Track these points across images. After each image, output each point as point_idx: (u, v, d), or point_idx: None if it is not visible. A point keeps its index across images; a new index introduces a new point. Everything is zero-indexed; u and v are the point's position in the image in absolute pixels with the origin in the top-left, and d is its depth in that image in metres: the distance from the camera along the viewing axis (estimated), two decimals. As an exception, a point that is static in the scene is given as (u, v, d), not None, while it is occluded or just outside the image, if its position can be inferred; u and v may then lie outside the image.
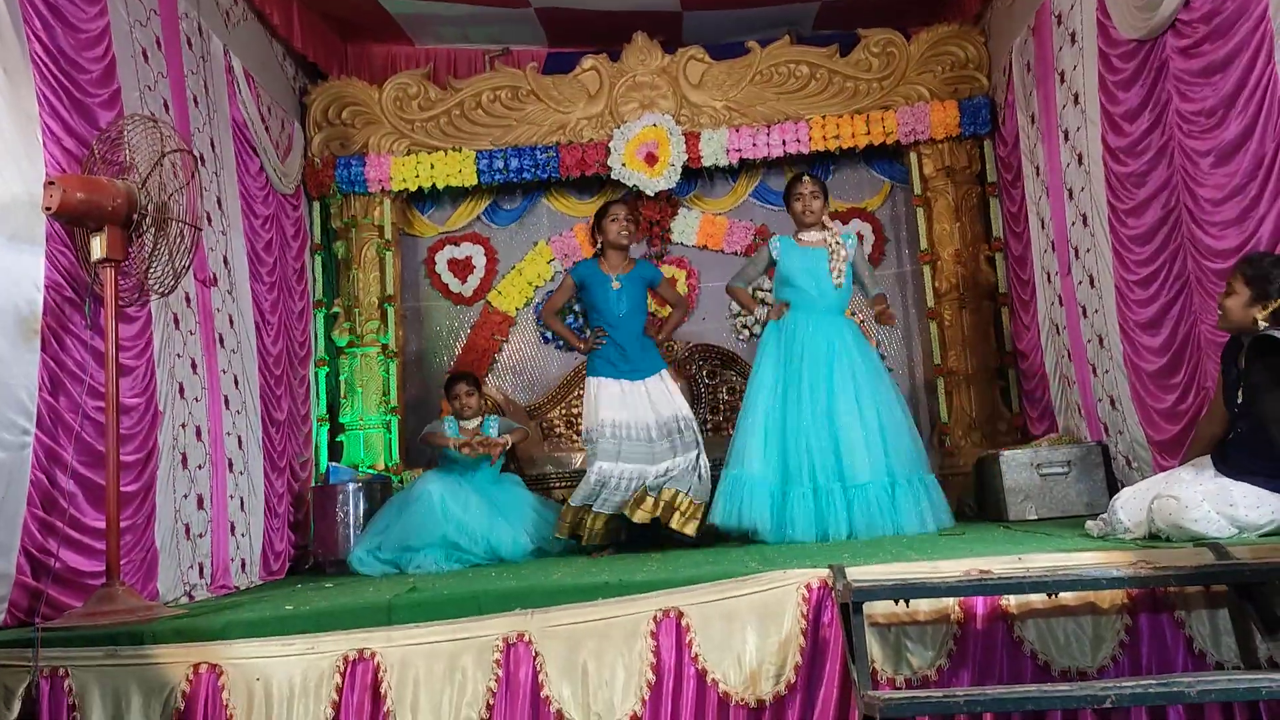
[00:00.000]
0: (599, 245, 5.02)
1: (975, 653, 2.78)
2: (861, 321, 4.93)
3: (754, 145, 6.33)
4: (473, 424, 5.44)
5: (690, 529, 4.59)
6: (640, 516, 4.61)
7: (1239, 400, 3.21)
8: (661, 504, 4.62)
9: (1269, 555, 2.75)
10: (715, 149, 6.35)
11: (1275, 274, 3.13)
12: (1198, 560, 2.79)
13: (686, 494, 4.64)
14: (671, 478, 4.66)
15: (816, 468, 4.42)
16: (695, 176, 6.64)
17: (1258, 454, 3.10)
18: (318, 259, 6.45)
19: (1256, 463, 3.10)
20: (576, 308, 6.13)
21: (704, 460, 4.77)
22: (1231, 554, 2.78)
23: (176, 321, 4.35)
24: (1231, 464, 3.19)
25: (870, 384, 4.58)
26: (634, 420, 4.74)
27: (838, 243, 4.75)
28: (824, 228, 4.82)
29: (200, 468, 4.44)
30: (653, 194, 6.45)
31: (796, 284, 4.73)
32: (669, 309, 5.36)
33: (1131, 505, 3.33)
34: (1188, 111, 3.83)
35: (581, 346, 5.09)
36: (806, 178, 4.87)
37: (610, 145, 6.37)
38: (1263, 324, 3.13)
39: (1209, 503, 3.09)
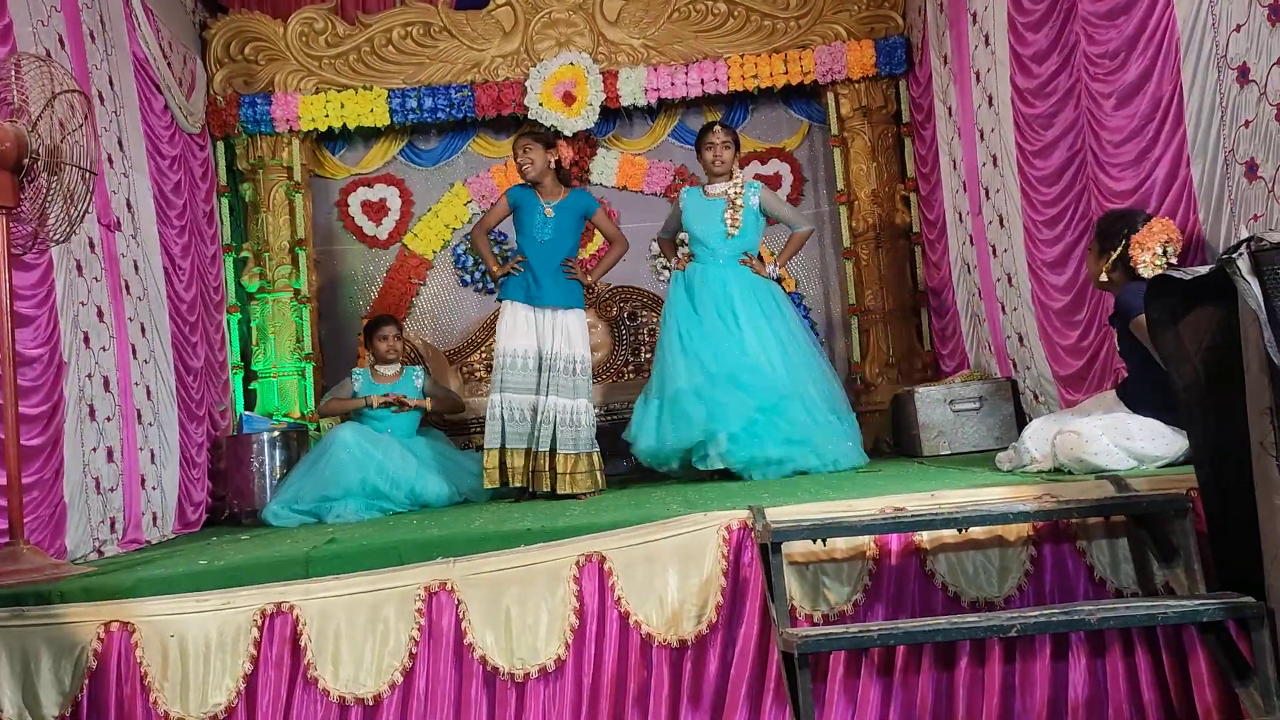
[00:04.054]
0: None
1: (889, 587, 2.86)
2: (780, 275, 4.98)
3: (672, 85, 6.27)
4: (391, 369, 5.31)
5: (581, 485, 4.45)
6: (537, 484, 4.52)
7: (1127, 340, 3.37)
8: (552, 473, 4.48)
9: (1165, 486, 2.86)
10: (633, 88, 6.27)
11: (1114, 229, 3.40)
12: (1099, 493, 2.90)
13: (572, 453, 4.48)
14: (553, 434, 4.49)
15: (729, 400, 4.45)
16: (614, 116, 6.57)
17: (1154, 389, 3.22)
18: (224, 201, 6.24)
19: (1152, 397, 3.22)
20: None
21: (588, 410, 4.60)
22: (1131, 486, 2.90)
23: (80, 268, 4.18)
24: (1130, 398, 3.32)
25: (772, 320, 4.68)
26: (537, 349, 4.59)
27: (737, 192, 4.78)
28: (730, 178, 4.84)
29: (109, 419, 4.31)
30: (571, 134, 6.36)
31: (695, 234, 4.85)
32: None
33: (1039, 436, 3.45)
34: (1093, 54, 3.90)
35: (496, 270, 4.89)
36: (718, 127, 4.87)
37: (527, 84, 6.25)
38: (1103, 277, 3.43)
39: (1108, 436, 3.20)
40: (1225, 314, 2.48)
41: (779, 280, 4.96)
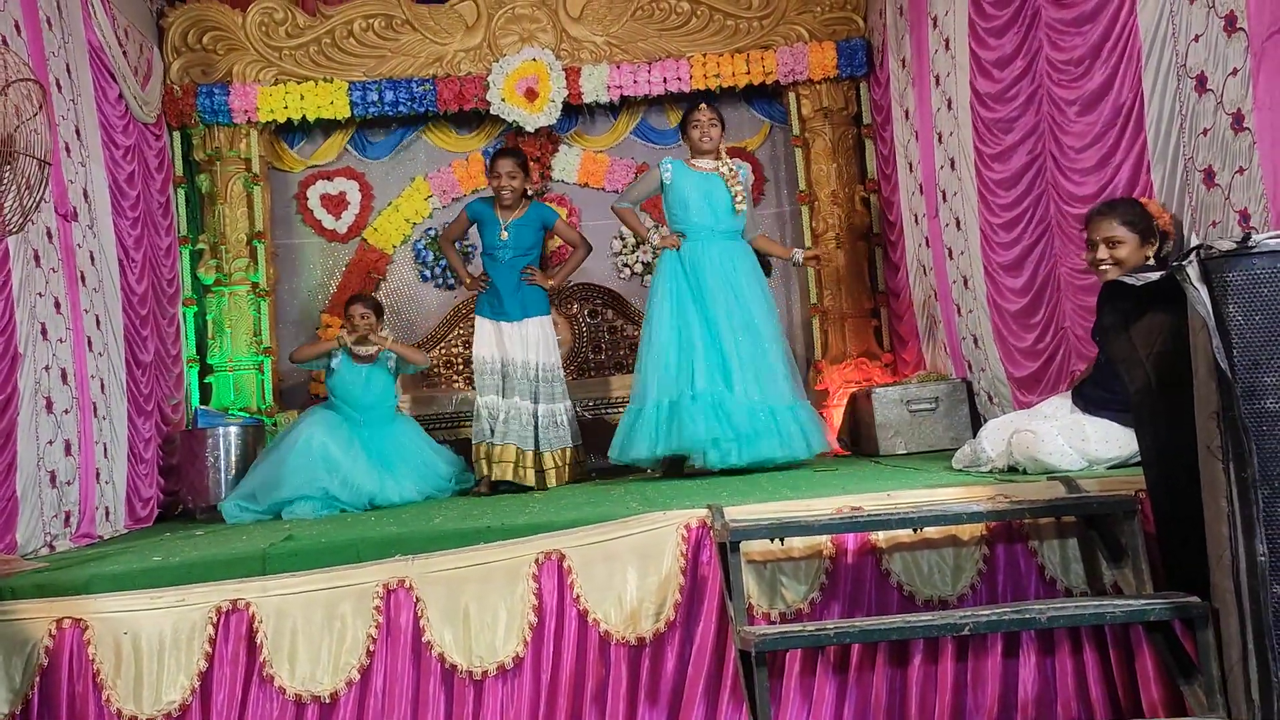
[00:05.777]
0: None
1: (845, 586, 2.89)
2: None
3: (635, 82, 6.29)
4: (368, 350, 5.06)
5: (563, 476, 4.93)
6: (501, 473, 4.83)
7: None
8: (532, 470, 4.87)
9: (1115, 488, 2.92)
10: (596, 85, 6.27)
11: (1146, 213, 3.20)
12: (1051, 493, 2.94)
13: (557, 450, 4.93)
14: (539, 436, 4.90)
15: (717, 380, 4.38)
16: (576, 113, 6.56)
17: (1109, 391, 3.28)
18: (180, 193, 6.15)
19: (1107, 399, 3.28)
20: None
21: (567, 410, 5.01)
22: (1082, 487, 2.94)
23: (37, 258, 4.10)
24: (1086, 400, 3.38)
25: (763, 311, 4.56)
26: (506, 358, 4.91)
27: (731, 170, 4.67)
28: (718, 157, 4.72)
29: (67, 412, 4.23)
30: (533, 130, 6.35)
31: (691, 208, 4.60)
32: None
33: (995, 436, 3.49)
34: (1058, 60, 3.95)
35: (467, 282, 5.20)
36: (703, 105, 4.76)
37: (489, 79, 6.23)
38: (1151, 262, 3.16)
39: (1063, 437, 3.26)
40: (1175, 320, 2.53)
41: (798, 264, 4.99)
